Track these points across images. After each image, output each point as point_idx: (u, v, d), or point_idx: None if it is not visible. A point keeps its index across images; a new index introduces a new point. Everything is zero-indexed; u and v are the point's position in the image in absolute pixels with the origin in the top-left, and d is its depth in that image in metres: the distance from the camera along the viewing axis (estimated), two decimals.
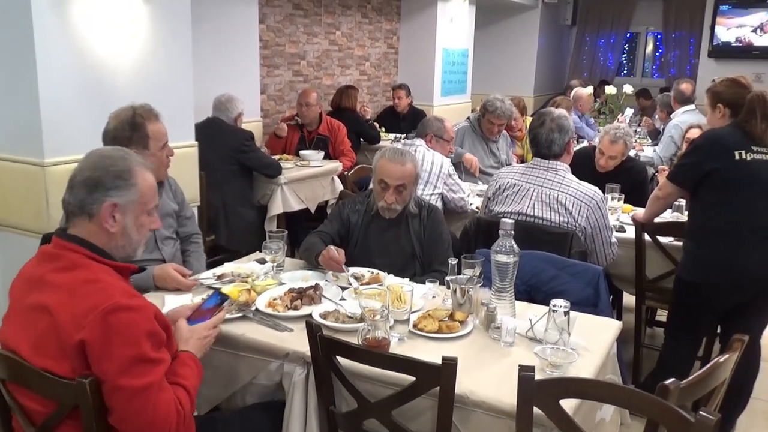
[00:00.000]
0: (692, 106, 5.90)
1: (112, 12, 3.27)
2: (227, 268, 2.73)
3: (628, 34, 10.81)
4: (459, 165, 4.66)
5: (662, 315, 3.74)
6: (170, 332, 1.78)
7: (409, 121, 6.66)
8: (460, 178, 4.14)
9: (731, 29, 8.59)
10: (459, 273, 2.39)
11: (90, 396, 1.58)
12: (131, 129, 2.52)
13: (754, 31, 8.40)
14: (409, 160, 2.81)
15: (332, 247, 2.59)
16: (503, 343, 2.08)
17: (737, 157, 2.75)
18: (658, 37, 10.67)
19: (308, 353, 1.96)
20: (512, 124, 5.45)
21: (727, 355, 1.81)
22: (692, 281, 2.89)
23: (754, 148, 2.76)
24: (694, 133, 4.41)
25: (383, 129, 6.66)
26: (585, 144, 6.21)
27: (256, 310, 2.28)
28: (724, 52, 8.62)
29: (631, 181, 3.97)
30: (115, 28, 3.29)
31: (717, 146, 2.80)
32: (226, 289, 2.39)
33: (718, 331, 3.10)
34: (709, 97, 2.99)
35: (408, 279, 2.59)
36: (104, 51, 3.25)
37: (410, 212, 2.86)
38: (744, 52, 8.44)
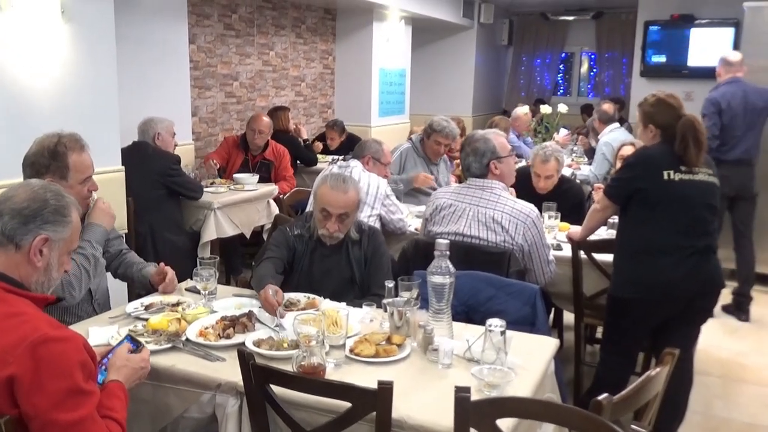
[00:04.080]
0: (617, 124, 6.16)
1: (30, 31, 3.20)
2: (156, 297, 2.69)
3: (563, 54, 11.19)
4: (401, 191, 4.70)
5: (602, 332, 3.86)
6: (96, 363, 1.76)
7: (344, 151, 6.66)
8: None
9: (661, 49, 8.99)
10: (396, 295, 2.41)
11: None
12: (50, 157, 2.47)
13: (683, 51, 8.82)
14: (352, 187, 2.82)
15: (270, 289, 2.46)
16: (441, 365, 2.11)
17: (666, 177, 2.89)
18: (592, 57, 11.08)
19: (241, 383, 1.94)
20: (452, 144, 5.53)
21: (658, 369, 1.89)
22: (622, 298, 3.00)
23: (682, 168, 2.91)
24: (628, 151, 4.59)
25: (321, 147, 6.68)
26: (523, 164, 6.38)
27: (187, 340, 2.26)
28: (655, 71, 9.00)
29: (568, 202, 4.07)
30: (33, 49, 3.22)
31: (647, 165, 2.95)
32: (154, 318, 2.36)
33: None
34: (641, 115, 3.11)
35: (345, 303, 2.60)
36: (22, 72, 3.18)
37: (351, 238, 2.88)
38: (674, 71, 8.83)
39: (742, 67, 5.18)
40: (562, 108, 7.04)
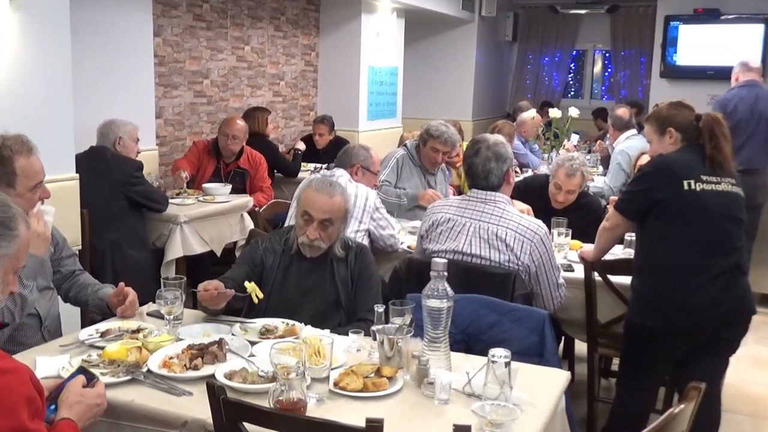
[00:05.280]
0: (634, 131, 6.22)
1: None
2: (114, 322, 2.68)
3: (574, 52, 11.29)
4: (403, 208, 4.73)
5: (618, 364, 3.86)
6: (44, 398, 1.75)
7: (331, 154, 6.68)
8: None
9: (683, 48, 9.08)
10: (387, 322, 2.41)
11: None
12: None
13: (708, 49, 8.90)
14: (339, 192, 2.87)
15: (204, 283, 2.61)
16: (437, 401, 2.11)
17: (686, 187, 2.92)
18: (607, 55, 11.19)
19: (210, 420, 1.93)
20: (452, 152, 5.54)
21: (682, 405, 1.89)
22: (641, 324, 3.01)
23: (704, 178, 2.94)
24: (646, 160, 4.64)
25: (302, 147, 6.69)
26: (529, 173, 6.41)
27: (149, 371, 2.24)
28: (676, 72, 9.09)
29: (587, 218, 4.07)
30: None
31: (665, 174, 2.98)
32: (111, 347, 2.34)
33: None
34: (656, 122, 3.15)
35: (329, 330, 2.60)
36: None
37: (335, 255, 2.89)
38: (698, 72, 8.91)
39: (761, 75, 5.34)
40: (573, 112, 7.08)
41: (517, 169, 6.27)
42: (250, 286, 2.66)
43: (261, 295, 2.67)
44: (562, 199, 4.22)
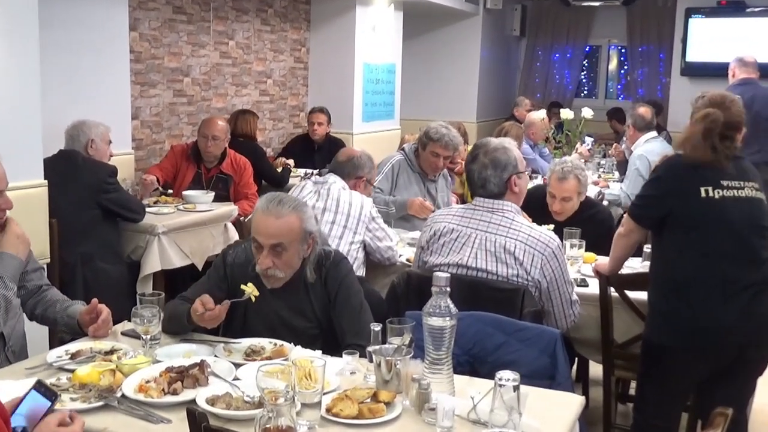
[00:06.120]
0: (654, 133, 6.22)
1: None
2: (85, 342, 2.68)
3: (588, 48, 11.32)
4: (392, 216, 4.71)
5: (635, 388, 3.85)
6: (9, 425, 1.74)
7: (325, 152, 6.71)
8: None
9: (706, 43, 9.10)
10: (384, 342, 2.41)
11: None
12: None
13: (732, 44, 8.93)
14: (291, 211, 2.74)
15: (198, 302, 2.61)
16: (440, 429, 2.10)
17: (704, 194, 2.93)
18: (623, 51, 11.23)
19: None
20: (454, 156, 5.54)
21: None
22: (658, 343, 3.02)
23: (724, 183, 2.94)
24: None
25: (292, 164, 6.69)
26: (539, 181, 6.42)
27: (123, 396, 2.24)
28: (698, 69, 9.12)
29: (594, 231, 4.07)
30: None
31: (681, 179, 2.99)
32: (82, 370, 2.34)
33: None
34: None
35: (320, 351, 2.59)
36: None
37: (308, 281, 2.83)
38: (721, 69, 8.92)
39: (757, 71, 5.37)
40: (587, 112, 7.09)
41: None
42: (249, 288, 2.66)
43: (257, 293, 2.68)
44: (558, 208, 4.19)
